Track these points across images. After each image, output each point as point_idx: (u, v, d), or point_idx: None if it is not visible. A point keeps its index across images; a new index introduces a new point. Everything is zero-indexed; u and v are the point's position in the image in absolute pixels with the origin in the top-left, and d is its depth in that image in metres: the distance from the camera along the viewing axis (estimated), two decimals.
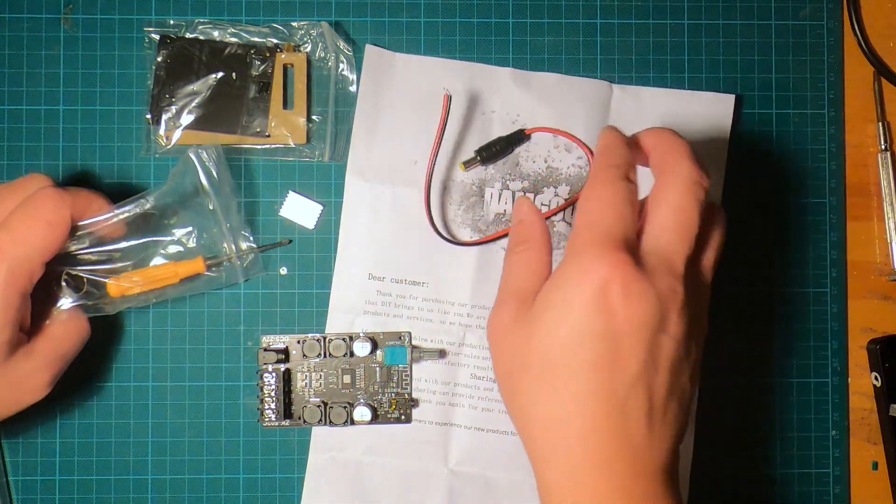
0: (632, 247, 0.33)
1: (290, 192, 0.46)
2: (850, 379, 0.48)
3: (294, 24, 0.46)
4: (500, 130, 0.47)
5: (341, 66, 0.46)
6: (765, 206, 0.48)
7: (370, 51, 0.47)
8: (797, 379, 0.48)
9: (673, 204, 0.34)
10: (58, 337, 0.42)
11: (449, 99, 0.45)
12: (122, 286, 0.43)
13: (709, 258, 0.37)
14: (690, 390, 0.35)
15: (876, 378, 0.47)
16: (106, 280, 0.43)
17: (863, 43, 0.48)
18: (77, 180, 0.46)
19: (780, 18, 0.48)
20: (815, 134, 0.48)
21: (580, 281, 0.32)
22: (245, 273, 0.46)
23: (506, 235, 0.46)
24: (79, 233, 0.41)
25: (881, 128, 0.48)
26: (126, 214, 0.42)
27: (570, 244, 0.34)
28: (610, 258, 0.32)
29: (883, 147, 0.48)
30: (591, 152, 0.46)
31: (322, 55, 0.47)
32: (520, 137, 0.46)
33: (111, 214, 0.42)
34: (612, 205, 0.34)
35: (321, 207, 0.47)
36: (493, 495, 0.46)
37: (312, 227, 0.47)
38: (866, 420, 0.48)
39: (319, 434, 0.46)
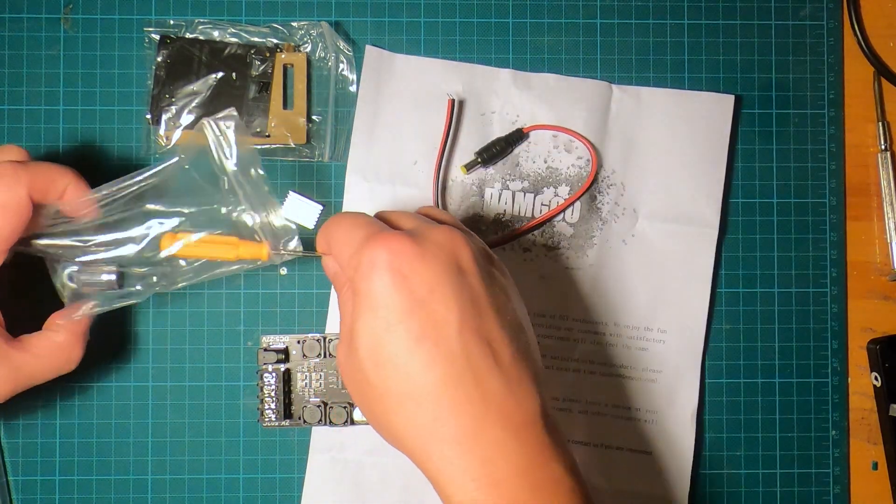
0: (392, 229, 0.35)
1: (290, 193, 0.46)
2: (850, 379, 0.48)
3: (294, 24, 0.46)
4: (500, 131, 0.47)
5: (341, 66, 0.46)
6: (765, 206, 0.48)
7: (370, 51, 0.47)
8: (797, 379, 0.48)
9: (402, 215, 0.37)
10: (41, 355, 0.39)
11: (454, 104, 0.45)
12: (175, 239, 0.39)
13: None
14: (525, 325, 0.35)
15: (876, 378, 0.47)
16: (114, 269, 0.40)
17: (863, 43, 0.48)
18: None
19: (780, 18, 0.48)
20: (815, 134, 0.48)
21: (368, 276, 0.33)
22: (281, 256, 0.42)
23: (512, 238, 0.46)
24: (54, 218, 0.38)
25: (881, 128, 0.48)
26: (107, 197, 0.39)
27: (346, 272, 0.35)
28: (382, 240, 0.33)
29: (883, 147, 0.48)
30: (592, 146, 0.47)
31: (322, 55, 0.47)
32: (519, 136, 0.46)
33: (89, 198, 0.38)
34: (352, 220, 0.36)
35: (321, 207, 0.46)
36: None
37: (312, 227, 0.47)
38: (866, 420, 0.48)
39: (319, 434, 0.46)
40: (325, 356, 0.45)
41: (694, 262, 0.47)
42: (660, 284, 0.47)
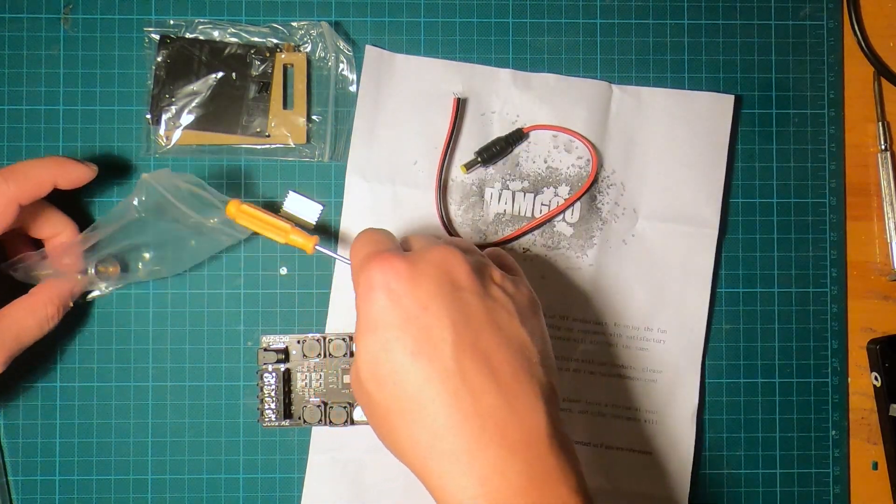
0: (391, 249, 0.35)
1: (290, 192, 0.46)
2: (850, 379, 0.48)
3: (294, 24, 0.46)
4: (500, 131, 0.47)
5: (341, 66, 0.46)
6: (765, 206, 0.48)
7: (370, 51, 0.47)
8: (797, 379, 0.48)
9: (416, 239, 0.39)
10: (17, 319, 0.41)
11: (458, 102, 0.45)
12: (240, 208, 0.42)
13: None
14: (531, 341, 0.34)
15: (876, 378, 0.47)
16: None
17: (863, 43, 0.48)
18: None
19: (780, 18, 0.48)
20: (815, 134, 0.48)
21: (365, 297, 0.34)
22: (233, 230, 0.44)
23: (512, 239, 0.46)
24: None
25: (881, 128, 0.48)
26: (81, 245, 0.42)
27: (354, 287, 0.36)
28: (376, 261, 0.34)
29: (883, 147, 0.48)
30: (592, 146, 0.47)
31: (322, 55, 0.47)
32: (519, 136, 0.46)
33: (73, 243, 0.43)
34: (365, 237, 0.37)
35: (321, 207, 0.47)
36: None
37: (314, 224, 0.47)
38: (866, 420, 0.48)
39: (319, 434, 0.46)
40: (325, 356, 0.45)
41: (694, 262, 0.47)
42: (660, 284, 0.47)
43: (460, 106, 0.46)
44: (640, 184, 0.47)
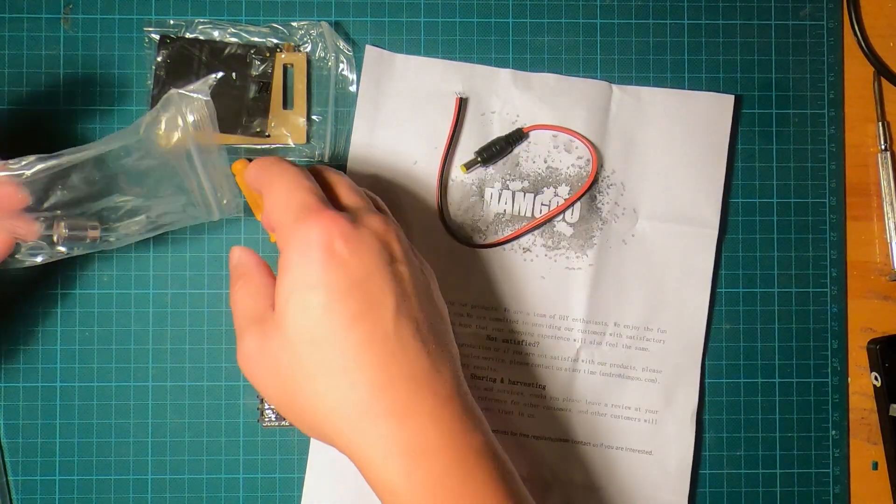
0: (330, 206, 0.36)
1: None
2: (850, 379, 0.48)
3: (294, 24, 0.46)
4: (500, 131, 0.47)
5: (341, 66, 0.46)
6: (765, 206, 0.48)
7: (370, 51, 0.47)
8: (797, 379, 0.48)
9: (335, 179, 0.39)
10: None
11: (461, 102, 0.45)
12: (244, 167, 0.41)
13: (372, 204, 0.39)
14: (442, 310, 0.38)
15: (876, 378, 0.47)
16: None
17: (863, 43, 0.48)
18: None
19: (780, 18, 0.48)
20: (815, 134, 0.48)
21: (304, 254, 0.34)
22: (221, 210, 0.42)
23: (512, 239, 0.46)
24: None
25: (881, 128, 0.48)
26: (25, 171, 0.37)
27: (278, 237, 0.36)
28: (319, 219, 0.34)
29: (883, 147, 0.48)
30: (593, 146, 0.47)
31: (322, 55, 0.47)
32: (519, 136, 0.46)
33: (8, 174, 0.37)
34: (295, 182, 0.36)
35: None
36: None
37: None
38: (866, 420, 0.48)
39: None
40: None
41: (694, 261, 0.47)
42: (660, 284, 0.47)
43: (454, 104, 0.46)
44: (640, 184, 0.47)
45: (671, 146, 0.47)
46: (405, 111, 0.47)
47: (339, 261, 0.34)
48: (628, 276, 0.47)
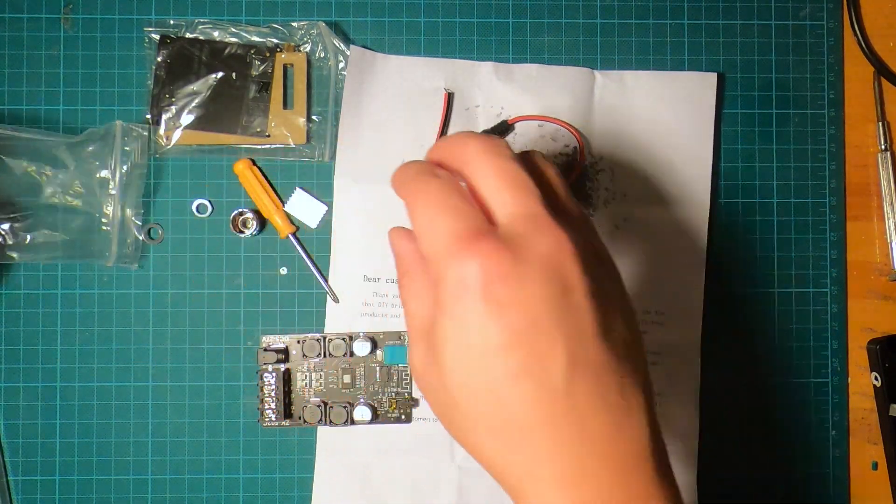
0: (486, 230, 0.29)
1: (297, 189, 0.47)
2: (850, 379, 0.48)
3: (294, 24, 0.46)
4: (485, 125, 0.47)
5: (341, 66, 0.46)
6: (765, 206, 0.48)
7: (354, 51, 0.46)
8: (797, 379, 0.48)
9: (491, 172, 0.30)
10: None
11: (450, 97, 0.45)
12: (247, 167, 0.46)
13: (561, 193, 0.33)
14: (632, 336, 0.30)
15: (876, 378, 0.47)
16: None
17: (863, 43, 0.48)
18: None
19: (780, 18, 0.48)
20: (815, 134, 0.48)
21: (458, 298, 0.28)
22: (122, 258, 0.45)
23: None
24: None
25: (881, 128, 0.48)
26: None
27: (430, 267, 0.30)
28: (474, 256, 0.28)
29: (883, 147, 0.48)
30: (578, 133, 0.46)
31: (322, 55, 0.47)
32: (504, 129, 0.46)
33: None
34: (438, 202, 0.30)
35: (325, 208, 0.47)
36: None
37: (315, 226, 0.47)
38: (866, 420, 0.48)
39: (326, 437, 0.46)
40: (325, 356, 0.45)
41: (687, 240, 0.47)
42: (655, 266, 0.47)
43: (437, 99, 0.46)
44: (629, 167, 0.47)
45: (657, 127, 0.47)
46: (389, 111, 0.46)
47: (498, 308, 0.27)
48: (623, 260, 0.47)
